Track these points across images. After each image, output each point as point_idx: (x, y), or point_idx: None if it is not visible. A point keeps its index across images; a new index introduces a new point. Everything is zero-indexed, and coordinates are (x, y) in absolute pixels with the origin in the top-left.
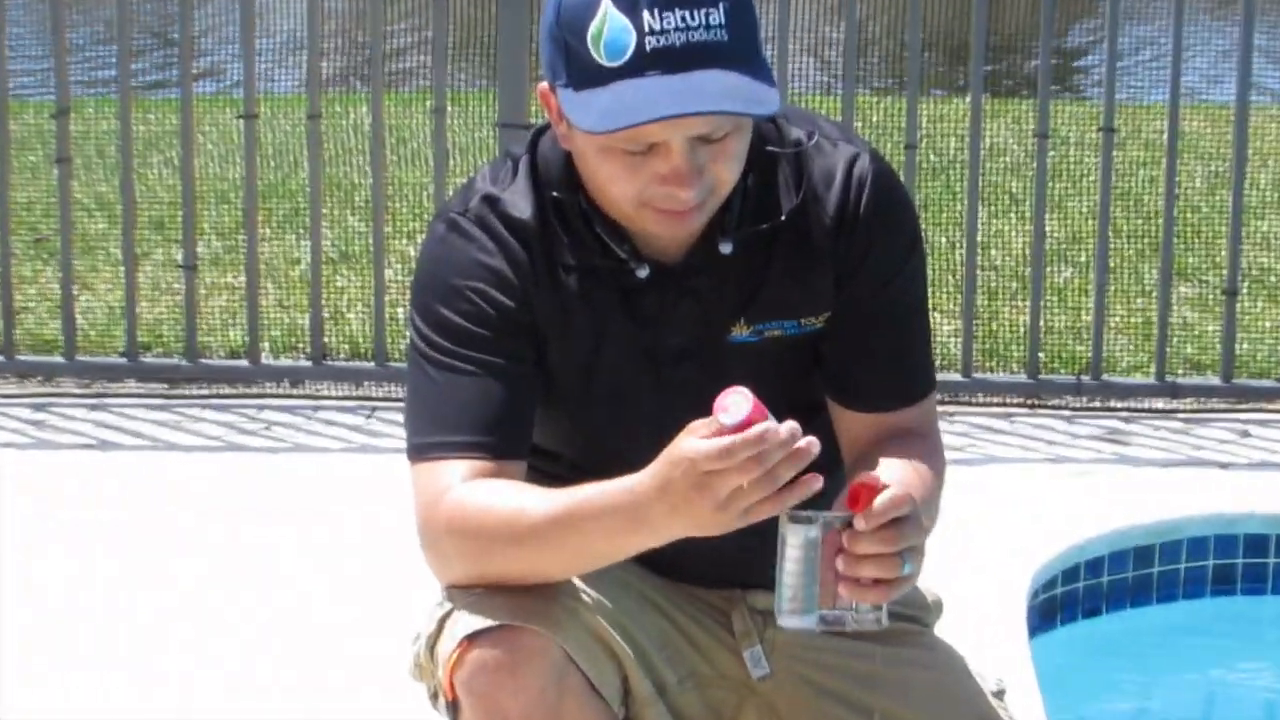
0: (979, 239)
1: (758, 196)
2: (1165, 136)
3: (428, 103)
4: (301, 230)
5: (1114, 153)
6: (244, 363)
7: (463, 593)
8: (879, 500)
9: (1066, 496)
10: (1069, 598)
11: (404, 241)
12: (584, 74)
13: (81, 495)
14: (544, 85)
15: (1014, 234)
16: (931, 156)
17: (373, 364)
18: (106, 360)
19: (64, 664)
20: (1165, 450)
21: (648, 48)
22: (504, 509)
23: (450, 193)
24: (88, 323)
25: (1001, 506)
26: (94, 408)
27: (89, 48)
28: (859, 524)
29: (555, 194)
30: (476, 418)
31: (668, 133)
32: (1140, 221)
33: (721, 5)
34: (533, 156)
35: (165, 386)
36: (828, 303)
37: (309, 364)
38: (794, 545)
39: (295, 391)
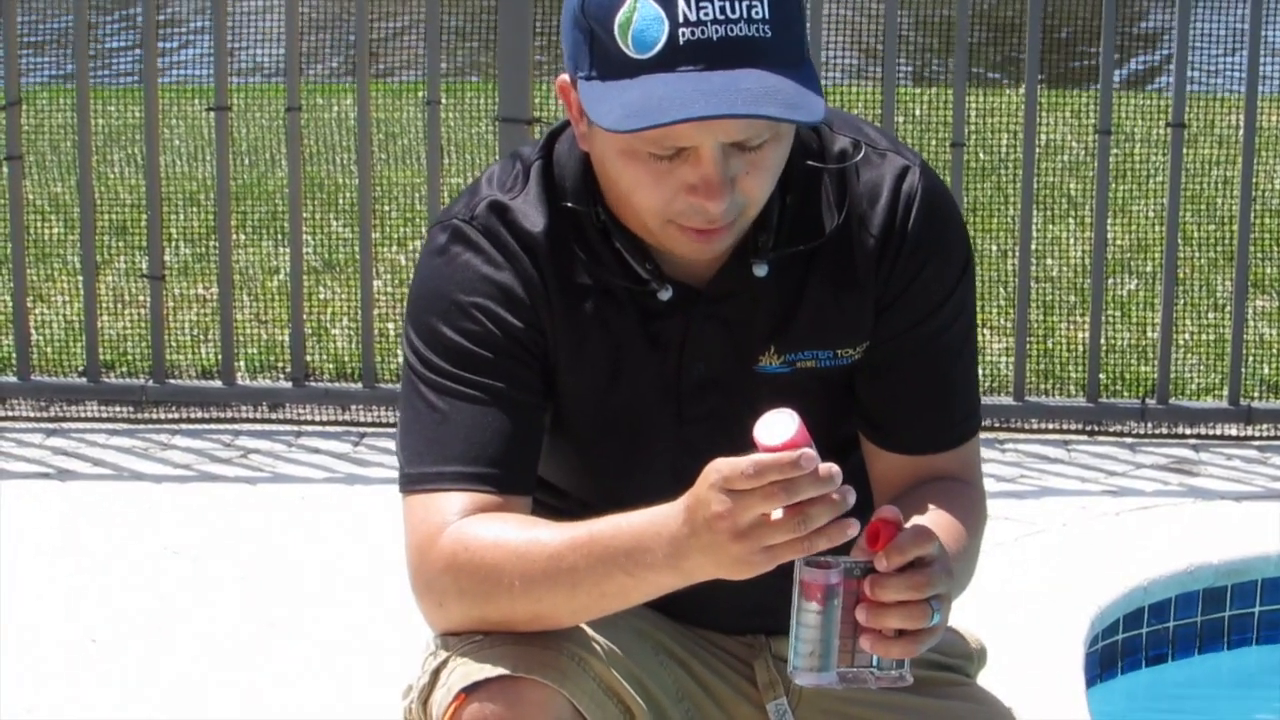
0: (1033, 247)
1: (797, 214)
2: (1242, 132)
3: (420, 94)
4: (280, 236)
5: (1184, 150)
6: (217, 383)
7: (459, 640)
8: (901, 536)
9: (1129, 532)
10: (1131, 644)
11: (394, 249)
12: (608, 67)
13: (37, 528)
14: (564, 78)
15: (1072, 241)
16: (981, 155)
17: (360, 385)
18: (65, 381)
19: (18, 715)
20: (1239, 482)
21: (681, 40)
22: (515, 541)
23: (445, 195)
24: (43, 339)
25: (1057, 543)
26: (51, 433)
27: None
28: (880, 564)
29: (570, 204)
30: (478, 447)
31: (699, 136)
32: (1213, 227)
33: None
34: (547, 161)
35: (130, 410)
36: (866, 332)
37: (289, 385)
38: (812, 594)
39: (274, 415)
